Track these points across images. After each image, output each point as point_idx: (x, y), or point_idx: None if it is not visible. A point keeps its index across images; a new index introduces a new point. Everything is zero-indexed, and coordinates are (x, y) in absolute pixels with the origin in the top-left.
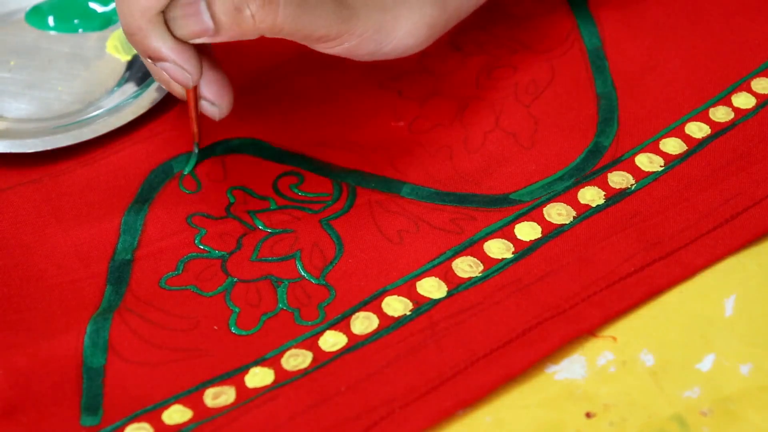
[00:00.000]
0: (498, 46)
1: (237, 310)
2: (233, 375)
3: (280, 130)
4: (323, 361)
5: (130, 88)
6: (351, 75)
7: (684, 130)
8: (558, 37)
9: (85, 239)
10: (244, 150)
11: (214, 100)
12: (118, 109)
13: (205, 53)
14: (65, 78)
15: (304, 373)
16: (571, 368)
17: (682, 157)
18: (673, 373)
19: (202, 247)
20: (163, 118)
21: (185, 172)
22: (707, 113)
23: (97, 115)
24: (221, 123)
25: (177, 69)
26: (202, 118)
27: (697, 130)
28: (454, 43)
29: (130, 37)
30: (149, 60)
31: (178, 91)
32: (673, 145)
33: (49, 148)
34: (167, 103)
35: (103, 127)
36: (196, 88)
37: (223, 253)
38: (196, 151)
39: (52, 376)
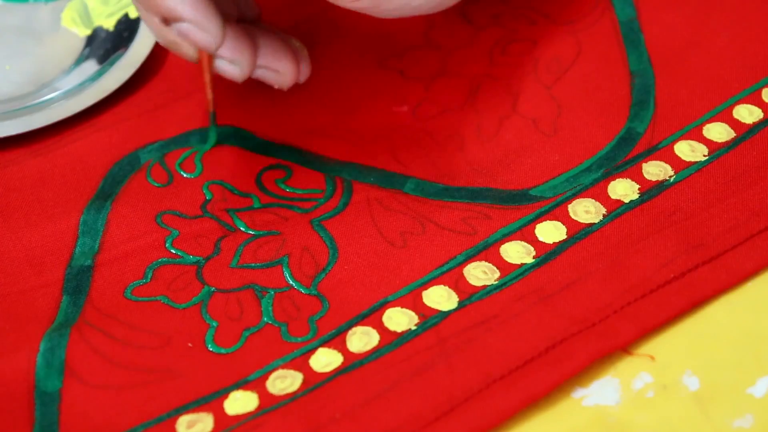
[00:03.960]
0: (515, 17)
1: (215, 324)
2: (210, 400)
3: (264, 116)
4: (315, 383)
5: (90, 66)
6: (346, 52)
7: (732, 114)
8: (585, 5)
9: (38, 242)
10: (224, 140)
11: (233, 56)
12: (76, 91)
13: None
14: (14, 55)
15: (292, 397)
16: (602, 392)
17: (730, 145)
18: (721, 398)
19: (174, 252)
20: (129, 102)
21: (204, 149)
22: (759, 94)
23: (51, 98)
24: (196, 108)
25: (197, 30)
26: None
27: (748, 114)
28: (464, 13)
29: None
30: (160, 22)
31: (189, 53)
32: (719, 132)
33: None
34: (133, 84)
35: (59, 112)
36: None
37: (198, 258)
38: (214, 122)
39: (0, 402)
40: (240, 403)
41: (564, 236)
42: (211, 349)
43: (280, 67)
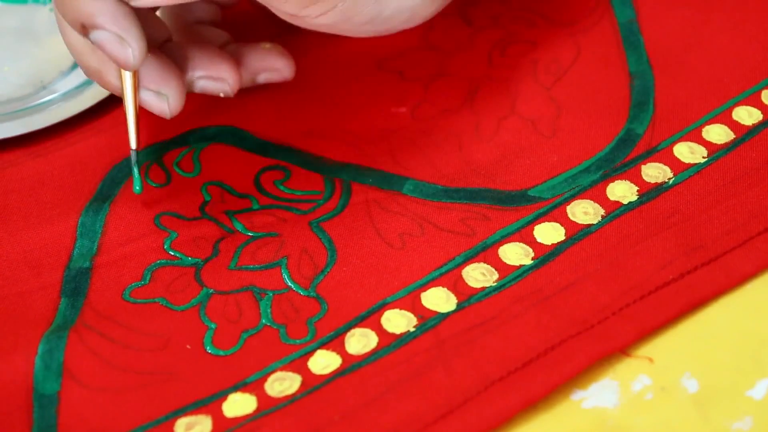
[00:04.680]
0: (514, 19)
1: (213, 326)
2: (209, 402)
3: (263, 117)
4: (314, 385)
5: None
6: (345, 54)
7: (731, 116)
8: (585, 7)
9: (36, 244)
10: (222, 140)
11: (158, 86)
12: (75, 93)
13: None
14: (13, 56)
15: (291, 399)
16: (600, 395)
17: (729, 147)
18: (720, 400)
19: (172, 253)
20: None
21: (135, 190)
22: (759, 96)
23: (50, 100)
24: (195, 109)
25: (115, 41)
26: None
27: (747, 115)
28: (463, 15)
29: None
30: (79, 36)
31: (114, 83)
32: (718, 133)
33: None
34: None
35: (58, 114)
36: (135, 75)
37: (196, 260)
38: (136, 161)
39: None
40: (238, 405)
41: (562, 237)
42: (209, 351)
43: (215, 73)
